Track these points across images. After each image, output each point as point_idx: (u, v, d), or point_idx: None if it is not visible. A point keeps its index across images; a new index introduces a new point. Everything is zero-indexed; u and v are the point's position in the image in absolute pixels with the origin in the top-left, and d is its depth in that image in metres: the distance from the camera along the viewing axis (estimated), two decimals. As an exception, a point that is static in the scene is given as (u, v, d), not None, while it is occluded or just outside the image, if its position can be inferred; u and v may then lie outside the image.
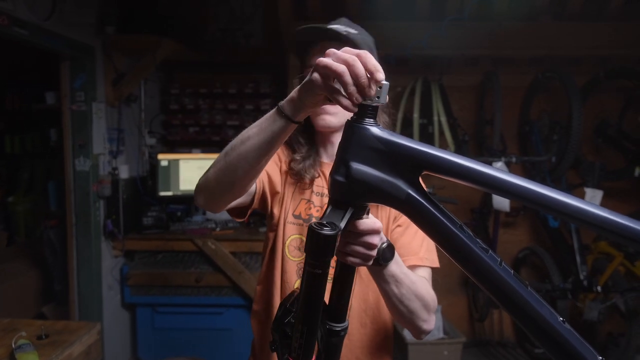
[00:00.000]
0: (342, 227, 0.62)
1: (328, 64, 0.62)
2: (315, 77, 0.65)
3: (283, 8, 2.76)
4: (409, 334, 2.52)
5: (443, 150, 0.58)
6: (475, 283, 0.58)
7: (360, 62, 0.61)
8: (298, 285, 1.05)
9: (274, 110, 0.76)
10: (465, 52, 2.99)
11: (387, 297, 0.88)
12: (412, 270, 0.93)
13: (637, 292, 2.57)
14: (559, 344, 0.54)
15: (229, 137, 2.26)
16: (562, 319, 0.55)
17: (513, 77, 3.18)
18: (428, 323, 0.94)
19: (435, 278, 1.05)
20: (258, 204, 1.07)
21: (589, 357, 0.53)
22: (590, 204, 0.51)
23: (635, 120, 2.97)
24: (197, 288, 2.81)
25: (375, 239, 0.72)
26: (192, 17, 3.39)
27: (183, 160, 3.12)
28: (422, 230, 0.62)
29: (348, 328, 0.71)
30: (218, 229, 2.93)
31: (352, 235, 0.70)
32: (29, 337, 1.54)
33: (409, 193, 0.59)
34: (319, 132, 1.11)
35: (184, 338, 2.85)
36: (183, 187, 3.12)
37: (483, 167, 0.56)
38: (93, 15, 2.62)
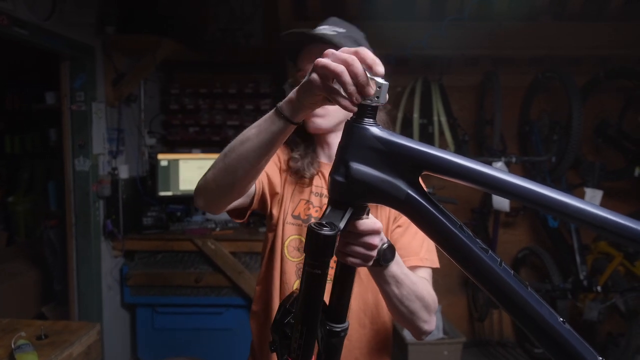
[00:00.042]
0: (341, 227, 0.61)
1: (326, 64, 0.62)
2: (314, 77, 0.65)
3: (283, 8, 2.76)
4: (409, 334, 2.52)
5: (443, 151, 0.58)
6: (475, 283, 0.58)
7: (359, 58, 0.61)
8: (297, 286, 1.05)
9: (273, 111, 0.76)
10: (465, 52, 2.99)
11: (387, 297, 0.88)
12: (412, 271, 0.93)
13: (637, 292, 2.57)
14: (559, 344, 0.54)
15: (229, 137, 2.26)
16: (562, 319, 0.54)
17: (513, 77, 3.18)
18: (429, 324, 0.94)
19: (435, 278, 1.05)
20: (257, 205, 1.07)
21: (589, 357, 0.53)
22: (590, 204, 0.51)
23: (635, 120, 2.97)
24: (196, 288, 2.81)
25: (376, 240, 0.72)
26: (192, 17, 3.39)
27: (183, 161, 3.12)
28: (421, 231, 0.61)
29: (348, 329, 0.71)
30: (218, 229, 2.93)
31: (352, 236, 0.70)
32: (29, 337, 1.53)
33: (409, 193, 0.59)
34: (313, 134, 1.11)
35: (184, 338, 2.85)
36: (183, 187, 3.12)
37: (483, 167, 0.56)
38: (93, 15, 2.62)
